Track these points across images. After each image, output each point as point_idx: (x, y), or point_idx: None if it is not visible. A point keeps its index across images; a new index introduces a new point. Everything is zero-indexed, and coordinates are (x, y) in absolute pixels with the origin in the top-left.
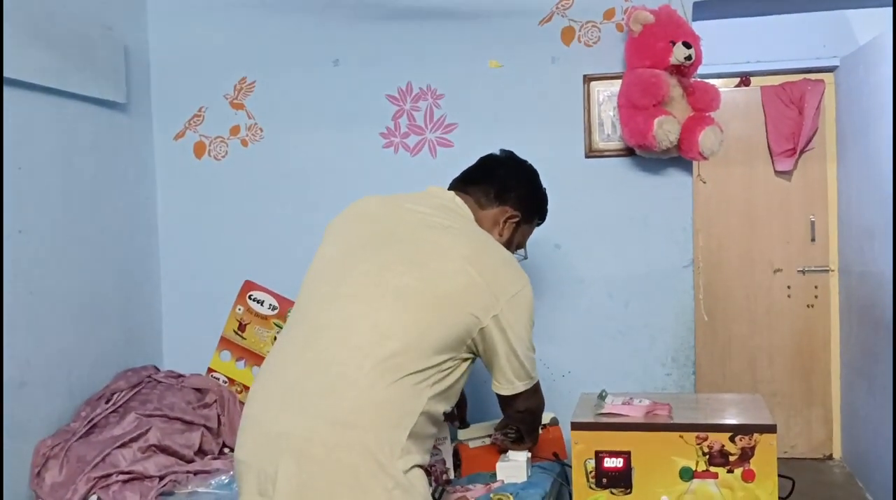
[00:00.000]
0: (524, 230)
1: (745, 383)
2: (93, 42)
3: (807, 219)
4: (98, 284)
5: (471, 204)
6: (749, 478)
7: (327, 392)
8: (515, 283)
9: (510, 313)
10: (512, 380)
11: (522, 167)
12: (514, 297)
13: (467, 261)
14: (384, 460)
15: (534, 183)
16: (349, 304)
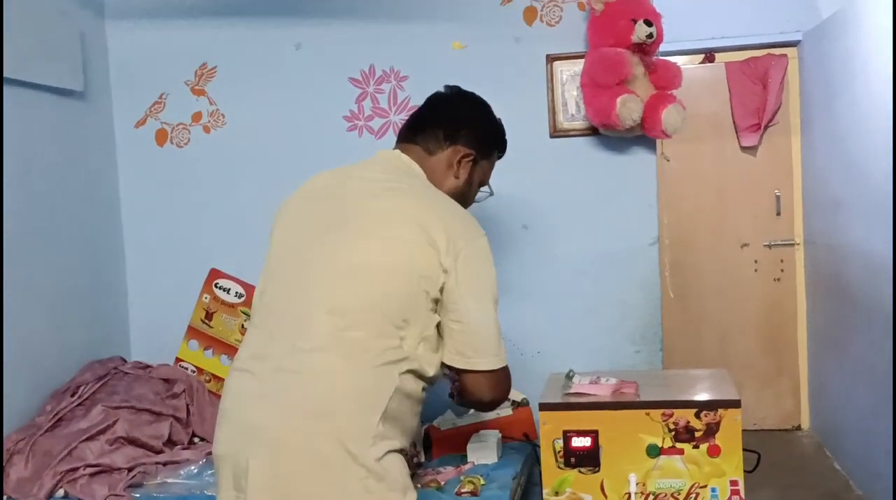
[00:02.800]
0: (484, 167)
1: (715, 358)
2: (48, 29)
3: (772, 193)
4: (61, 275)
5: (419, 155)
6: (714, 453)
7: (296, 383)
8: (466, 235)
9: (465, 268)
10: (463, 351)
11: (470, 101)
12: (468, 249)
13: (416, 222)
14: (355, 449)
15: (485, 115)
16: (309, 290)
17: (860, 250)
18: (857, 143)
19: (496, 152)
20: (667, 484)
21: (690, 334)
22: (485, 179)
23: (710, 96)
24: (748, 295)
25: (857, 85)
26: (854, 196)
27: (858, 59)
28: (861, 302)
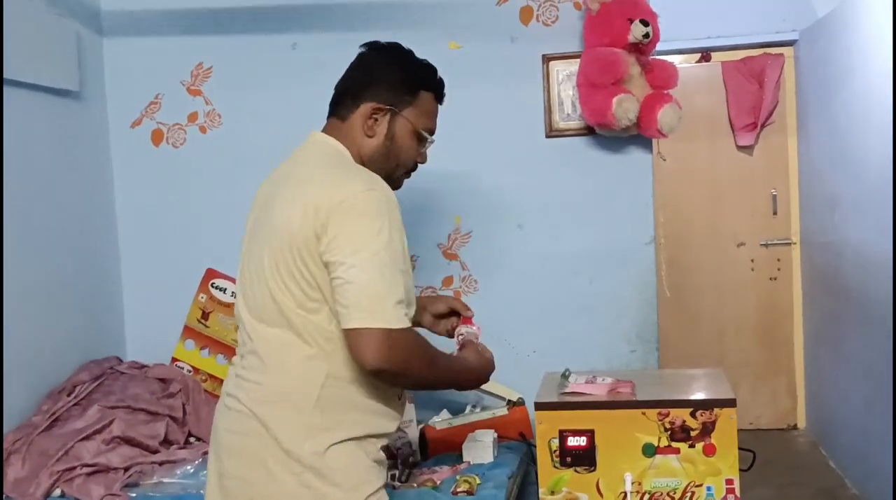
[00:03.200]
0: (412, 116)
1: (711, 357)
2: (43, 30)
3: (768, 192)
4: (57, 275)
5: (335, 127)
6: (710, 452)
7: (240, 386)
8: (340, 192)
9: (338, 225)
10: (340, 308)
11: (378, 51)
12: (342, 205)
13: (304, 196)
14: (288, 444)
15: (396, 61)
16: (242, 299)
17: (856, 248)
18: (853, 141)
19: (422, 94)
20: (663, 483)
21: (686, 332)
22: (421, 127)
23: (707, 96)
24: (744, 294)
25: (853, 84)
26: (850, 195)
27: (854, 57)
28: (856, 301)
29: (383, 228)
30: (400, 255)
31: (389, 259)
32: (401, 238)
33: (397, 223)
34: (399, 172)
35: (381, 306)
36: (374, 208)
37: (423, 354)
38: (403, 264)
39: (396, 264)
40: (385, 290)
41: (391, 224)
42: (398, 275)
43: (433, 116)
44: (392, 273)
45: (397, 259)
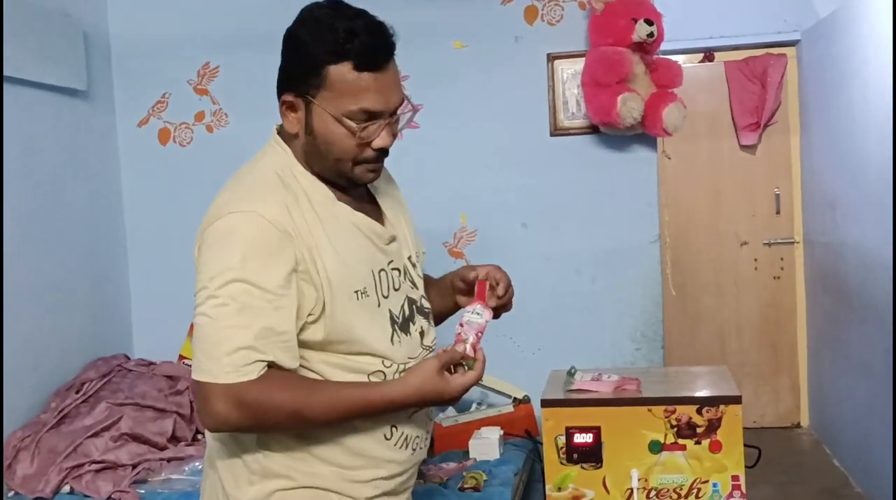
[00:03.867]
0: (325, 100)
1: (714, 356)
2: (51, 29)
3: (771, 192)
4: (65, 273)
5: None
6: (716, 449)
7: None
8: (206, 221)
9: (197, 261)
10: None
11: (290, 28)
12: (202, 238)
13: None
14: (231, 491)
15: (294, 35)
16: None
17: (857, 247)
18: (854, 141)
19: (331, 70)
20: (669, 479)
21: (689, 331)
22: (341, 112)
23: (710, 95)
24: (747, 293)
25: (856, 84)
26: (851, 194)
27: (856, 57)
28: (858, 300)
29: (229, 260)
30: (254, 289)
31: (230, 298)
32: (263, 268)
33: (257, 250)
34: (346, 166)
35: (213, 355)
36: (221, 238)
37: (280, 404)
38: (263, 298)
39: (247, 300)
40: (215, 338)
41: (247, 253)
42: (244, 315)
43: (359, 92)
44: (230, 316)
45: (248, 294)
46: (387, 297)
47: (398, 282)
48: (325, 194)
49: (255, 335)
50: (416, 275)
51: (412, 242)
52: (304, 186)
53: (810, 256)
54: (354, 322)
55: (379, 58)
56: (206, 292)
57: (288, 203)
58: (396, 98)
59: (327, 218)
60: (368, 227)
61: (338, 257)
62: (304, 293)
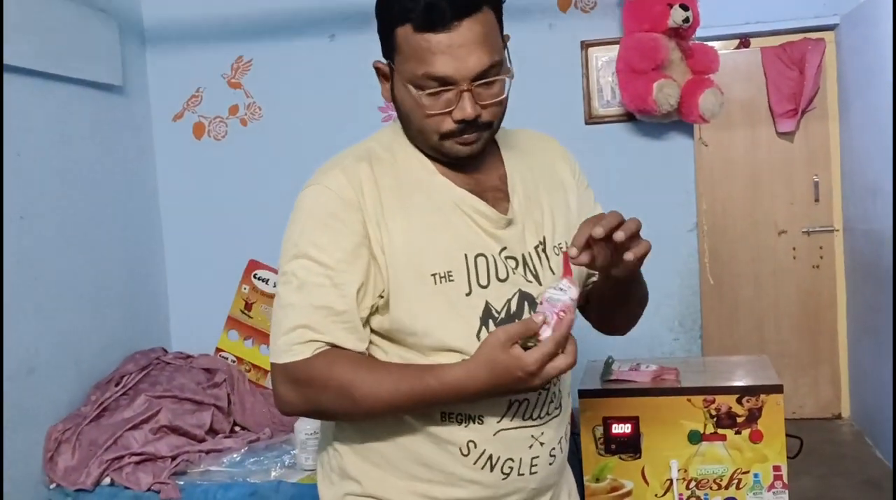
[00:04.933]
0: (399, 65)
1: (751, 346)
2: (87, 25)
3: (810, 179)
4: (103, 268)
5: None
6: (757, 439)
7: None
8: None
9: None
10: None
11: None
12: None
13: None
14: (321, 489)
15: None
16: None
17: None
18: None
19: (399, 32)
20: (709, 470)
21: (727, 321)
22: (407, 78)
23: (746, 82)
24: (786, 282)
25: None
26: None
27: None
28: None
29: (293, 236)
30: (313, 264)
31: (292, 274)
32: (323, 240)
33: (318, 222)
34: (432, 139)
35: (275, 334)
36: (294, 214)
37: (329, 380)
38: (322, 273)
39: (305, 277)
40: (277, 317)
41: (306, 226)
42: (299, 294)
43: (423, 55)
44: (290, 293)
45: (306, 270)
46: (485, 286)
47: (508, 272)
48: (424, 166)
49: (311, 313)
50: (544, 267)
51: (559, 231)
52: (399, 158)
53: (850, 244)
54: (422, 310)
55: (443, 15)
56: (280, 271)
57: (364, 174)
58: (476, 61)
59: (415, 191)
60: (472, 206)
61: (412, 233)
62: (373, 270)
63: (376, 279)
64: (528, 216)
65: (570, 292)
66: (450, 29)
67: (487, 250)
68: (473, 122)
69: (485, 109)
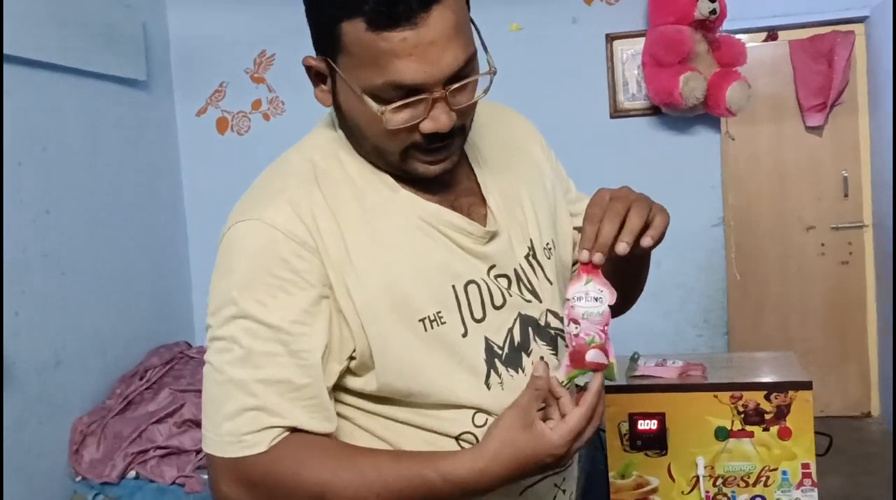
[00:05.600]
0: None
1: (777, 343)
2: (112, 21)
3: (839, 174)
4: (128, 262)
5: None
6: (785, 436)
7: None
8: (224, 229)
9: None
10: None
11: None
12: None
13: None
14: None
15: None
16: None
17: None
18: None
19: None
20: (736, 467)
21: (753, 318)
22: (360, 85)
23: (773, 75)
24: (814, 278)
25: None
26: None
27: None
28: None
29: (226, 288)
30: (260, 327)
31: (231, 341)
32: (270, 297)
33: (261, 272)
34: (392, 158)
35: (213, 418)
36: (223, 257)
37: (299, 485)
38: (273, 339)
39: (252, 344)
40: (214, 396)
41: (246, 277)
42: (243, 366)
43: (382, 59)
44: (231, 366)
45: (252, 334)
46: (481, 320)
47: (503, 296)
48: (382, 181)
49: (263, 391)
50: (539, 278)
51: (544, 227)
52: (350, 172)
53: (880, 240)
54: (416, 367)
55: (408, 6)
56: (210, 331)
57: (314, 201)
58: (450, 60)
59: (380, 215)
60: (449, 222)
61: (386, 272)
62: (338, 327)
63: (343, 337)
64: (510, 220)
65: (606, 298)
66: (416, 23)
67: (476, 275)
68: (441, 133)
69: (459, 115)
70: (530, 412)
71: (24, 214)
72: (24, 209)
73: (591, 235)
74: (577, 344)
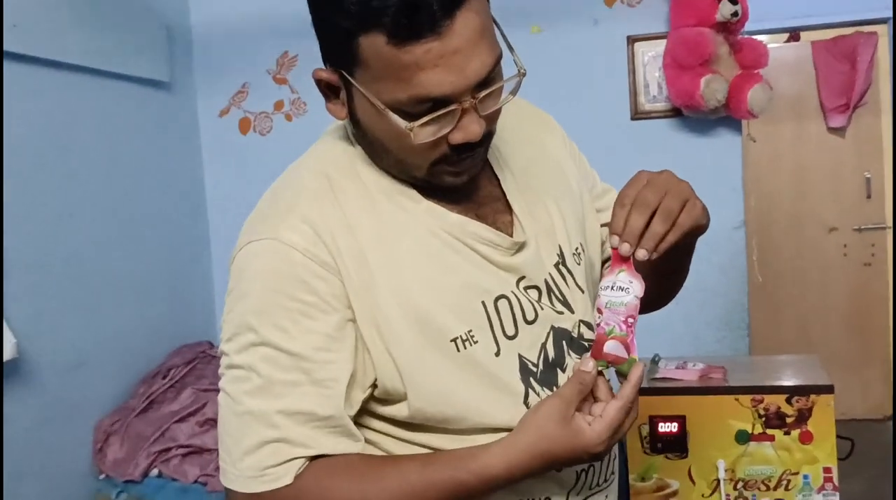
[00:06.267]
0: (363, 81)
1: (800, 345)
2: (134, 22)
3: (861, 175)
4: (149, 263)
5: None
6: (807, 440)
7: None
8: (235, 249)
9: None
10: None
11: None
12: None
13: None
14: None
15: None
16: None
17: None
18: None
19: (362, 42)
20: (757, 471)
21: (774, 320)
22: (380, 98)
23: (795, 76)
24: (836, 280)
25: None
26: None
27: None
28: None
29: (242, 313)
30: (280, 354)
31: (249, 369)
32: (290, 322)
33: (279, 295)
34: (417, 171)
35: (233, 452)
36: (237, 280)
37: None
38: (296, 367)
39: (272, 372)
40: (233, 428)
41: (263, 301)
42: (263, 396)
43: (406, 73)
44: (250, 396)
45: (273, 362)
46: (513, 336)
47: (535, 309)
48: (404, 193)
49: (284, 422)
50: (570, 287)
51: (572, 231)
52: (369, 187)
53: None
54: (454, 387)
55: (431, 16)
56: (226, 359)
57: (332, 219)
58: (478, 66)
59: (402, 232)
60: (476, 234)
61: (412, 291)
62: (361, 354)
63: (365, 366)
64: (537, 226)
65: (633, 288)
66: (440, 32)
67: (506, 288)
68: (471, 143)
69: (487, 121)
70: (571, 407)
71: (46, 215)
72: (46, 211)
73: (619, 220)
74: (598, 334)
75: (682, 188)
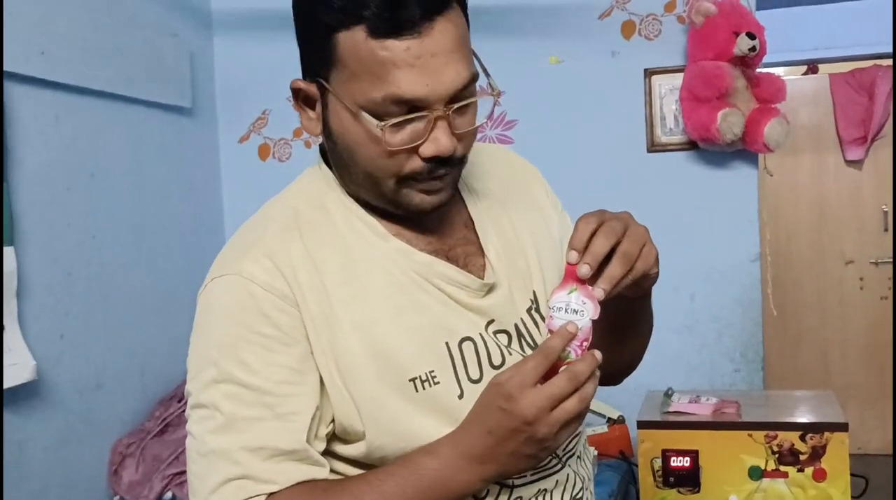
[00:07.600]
0: (338, 83)
1: (816, 378)
2: (160, 49)
3: (879, 208)
4: (170, 286)
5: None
6: (820, 477)
7: None
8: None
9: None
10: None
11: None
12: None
13: None
14: None
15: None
16: None
17: None
18: None
19: (340, 38)
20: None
21: (791, 353)
22: (354, 100)
23: (813, 108)
24: (853, 314)
25: None
26: None
27: None
28: None
29: (205, 350)
30: (243, 390)
31: (213, 407)
32: (253, 356)
33: (241, 329)
34: (385, 186)
35: (199, 492)
36: (200, 316)
37: None
38: (258, 402)
39: (235, 409)
40: (198, 469)
41: (225, 337)
42: (226, 434)
43: (382, 69)
44: (213, 435)
45: (236, 399)
46: (478, 381)
47: (502, 354)
48: (372, 229)
49: (248, 459)
50: (544, 334)
51: (549, 277)
52: (336, 220)
53: None
54: (416, 428)
55: (410, 13)
56: (191, 399)
57: (294, 251)
58: (453, 76)
59: (367, 269)
60: (443, 274)
61: (374, 328)
62: (323, 389)
63: (324, 402)
64: (511, 270)
65: (588, 311)
66: (419, 32)
67: (473, 331)
68: (447, 158)
69: (460, 140)
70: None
71: (70, 238)
72: (70, 233)
73: (583, 236)
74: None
75: (642, 232)
